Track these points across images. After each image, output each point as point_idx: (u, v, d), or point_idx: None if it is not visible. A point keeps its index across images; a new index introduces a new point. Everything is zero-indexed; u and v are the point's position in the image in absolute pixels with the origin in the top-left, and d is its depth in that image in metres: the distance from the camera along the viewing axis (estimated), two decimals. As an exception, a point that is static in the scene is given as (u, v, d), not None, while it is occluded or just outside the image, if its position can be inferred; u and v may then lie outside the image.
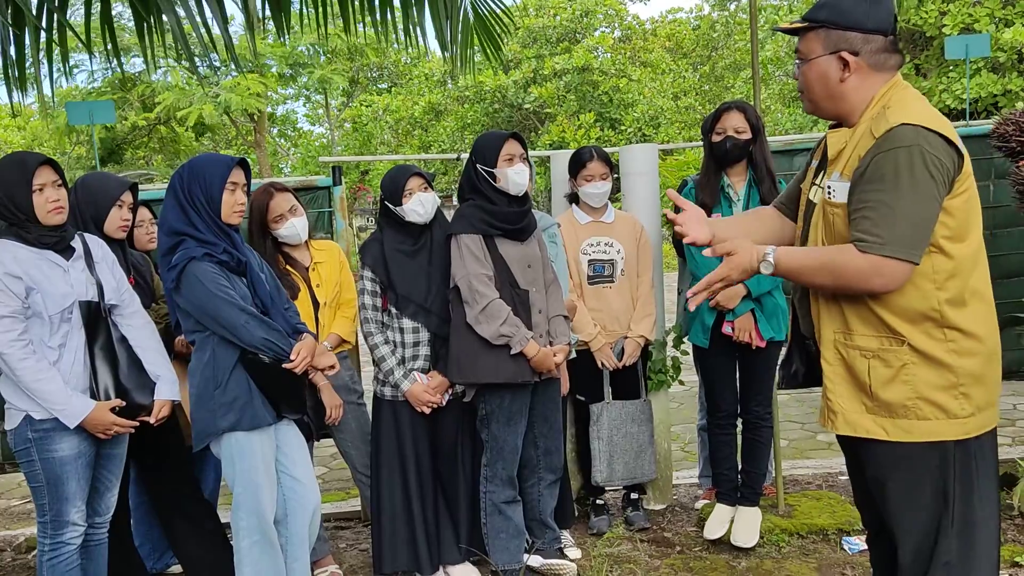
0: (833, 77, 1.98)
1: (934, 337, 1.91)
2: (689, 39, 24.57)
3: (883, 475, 2.00)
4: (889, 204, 1.84)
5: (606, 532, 3.76)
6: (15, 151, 3.08)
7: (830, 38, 1.97)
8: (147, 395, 2.78)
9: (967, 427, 1.93)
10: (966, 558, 1.94)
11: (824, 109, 2.05)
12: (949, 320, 1.91)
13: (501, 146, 3.17)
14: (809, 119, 16.15)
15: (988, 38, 6.11)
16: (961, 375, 1.91)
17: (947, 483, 1.93)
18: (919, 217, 1.85)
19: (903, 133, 1.85)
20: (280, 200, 3.31)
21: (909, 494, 1.96)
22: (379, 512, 3.29)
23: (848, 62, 1.96)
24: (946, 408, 1.91)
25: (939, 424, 1.91)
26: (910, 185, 1.83)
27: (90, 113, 4.62)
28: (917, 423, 1.92)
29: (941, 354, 1.91)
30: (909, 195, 1.83)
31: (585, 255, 3.74)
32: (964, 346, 1.92)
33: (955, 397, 1.91)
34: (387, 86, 25.83)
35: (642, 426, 3.79)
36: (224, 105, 17.05)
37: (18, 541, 4.22)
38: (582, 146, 3.84)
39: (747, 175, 3.51)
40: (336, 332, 3.44)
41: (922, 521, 1.96)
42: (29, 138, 22.20)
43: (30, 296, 2.59)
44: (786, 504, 3.79)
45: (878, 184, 1.86)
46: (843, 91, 1.99)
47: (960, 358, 1.91)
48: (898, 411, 1.93)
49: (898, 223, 1.84)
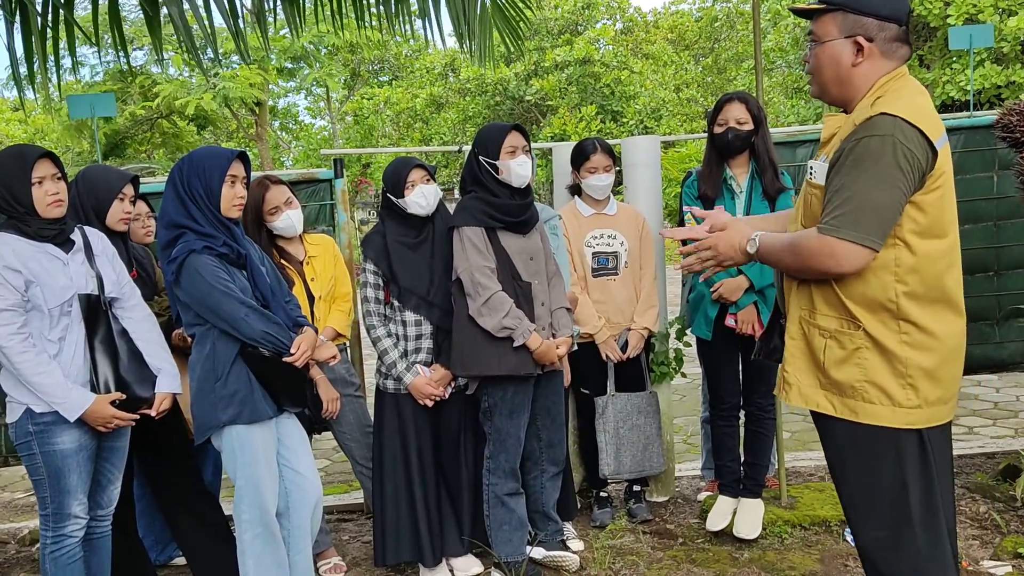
0: (845, 61, 1.99)
1: (888, 327, 1.94)
2: (691, 31, 24.50)
3: (837, 457, 2.06)
4: (850, 188, 1.88)
5: (609, 524, 3.77)
6: (14, 144, 3.07)
7: (846, 22, 1.97)
8: (148, 388, 2.77)
9: (911, 418, 1.96)
10: (933, 548, 1.97)
11: (831, 93, 2.06)
12: (905, 313, 1.93)
13: (504, 138, 3.16)
14: (812, 110, 16.11)
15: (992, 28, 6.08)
16: (910, 367, 1.94)
17: (905, 474, 1.96)
18: (877, 203, 1.87)
19: (880, 122, 1.87)
20: (276, 192, 3.31)
21: (863, 481, 2.00)
22: (382, 504, 3.29)
23: (862, 47, 1.97)
24: (892, 396, 1.95)
25: (883, 409, 1.96)
26: (874, 172, 1.86)
27: (91, 106, 4.60)
28: (863, 405, 1.97)
29: (893, 344, 1.94)
30: (871, 181, 1.86)
31: (589, 247, 3.73)
32: (917, 339, 1.94)
33: (902, 387, 1.95)
34: (388, 79, 25.79)
35: (649, 418, 3.79)
36: (223, 94, 17.02)
37: (22, 533, 4.23)
38: (586, 138, 3.83)
39: (749, 166, 3.50)
40: (331, 326, 3.45)
41: (879, 511, 1.99)
42: (32, 132, 22.20)
43: (30, 289, 2.58)
44: (789, 496, 3.79)
45: (846, 170, 1.89)
46: (852, 76, 2.00)
47: (911, 350, 1.94)
48: (847, 391, 1.99)
49: (857, 208, 1.87)
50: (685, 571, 3.33)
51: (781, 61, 17.22)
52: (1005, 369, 4.32)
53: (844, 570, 3.26)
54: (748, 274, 3.43)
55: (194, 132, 20.50)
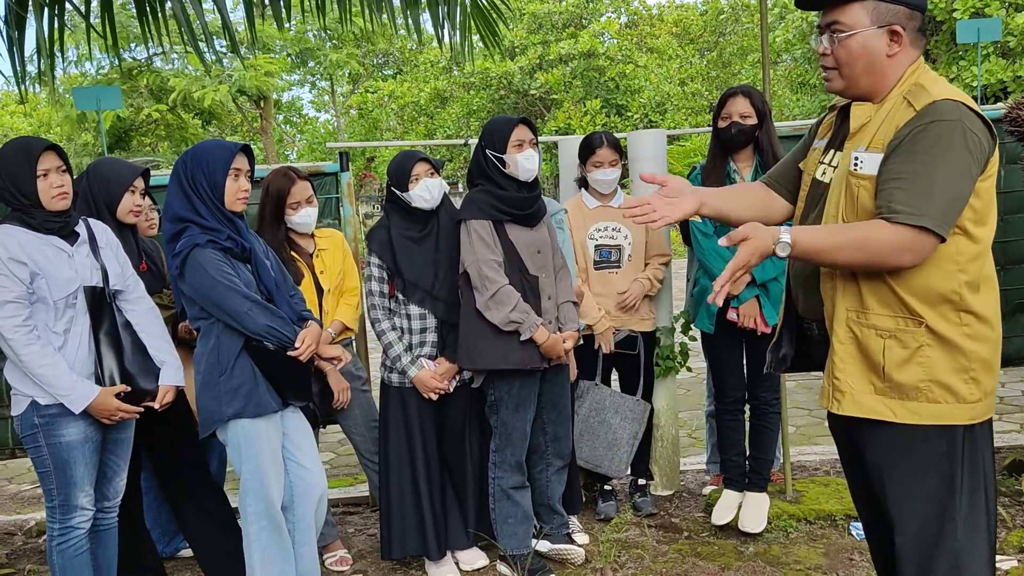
0: (880, 51, 1.94)
1: (950, 320, 1.89)
2: (696, 24, 24.41)
3: (887, 461, 1.97)
4: (927, 176, 1.80)
5: (614, 518, 3.77)
6: (19, 136, 3.07)
7: (879, 11, 1.92)
8: (152, 380, 2.78)
9: (974, 412, 1.92)
10: (970, 541, 1.93)
11: (860, 85, 1.99)
12: (967, 303, 1.88)
13: (511, 131, 3.16)
14: (816, 104, 16.03)
15: (1000, 22, 6.04)
16: (973, 359, 1.90)
17: (954, 470, 1.92)
18: (954, 193, 1.81)
19: (946, 107, 1.82)
20: (300, 187, 3.35)
21: (914, 482, 1.94)
22: (387, 498, 3.30)
23: (900, 36, 1.93)
24: (956, 392, 1.90)
25: (949, 407, 1.90)
26: (949, 159, 1.80)
27: (97, 99, 4.60)
28: (927, 406, 1.90)
29: (957, 337, 1.89)
30: (947, 169, 1.80)
31: (592, 240, 3.73)
32: (978, 330, 1.90)
33: (965, 382, 1.90)
34: (392, 72, 25.76)
35: (625, 421, 3.73)
36: (238, 84, 17.04)
37: (29, 525, 4.25)
38: (593, 132, 3.82)
39: (753, 160, 3.49)
40: (339, 319, 3.46)
41: (926, 509, 1.94)
42: (36, 125, 22.21)
43: (35, 281, 2.58)
44: (794, 490, 3.79)
45: (917, 156, 1.82)
46: (886, 66, 1.95)
47: (973, 342, 1.90)
48: (909, 393, 1.91)
49: (935, 195, 1.80)
50: (690, 565, 3.33)
51: (787, 56, 17.15)
52: (1011, 364, 4.31)
53: (849, 564, 3.25)
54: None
55: (199, 126, 20.51)
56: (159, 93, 18.41)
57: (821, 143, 2.16)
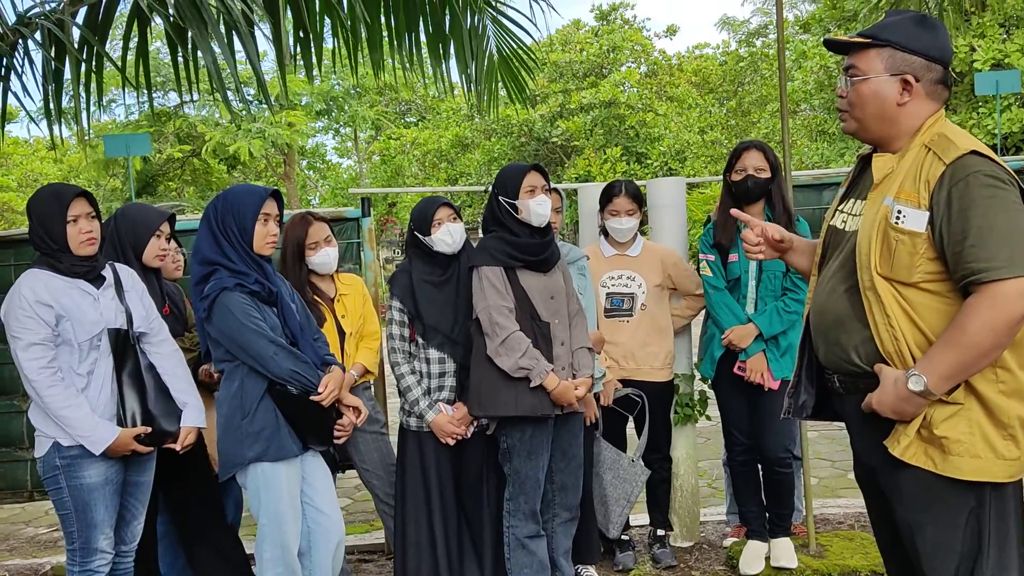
0: (891, 99, 1.97)
1: (986, 377, 1.87)
2: (716, 74, 24.63)
3: (917, 515, 1.95)
4: (990, 226, 1.80)
5: (632, 569, 3.70)
6: (51, 183, 3.14)
7: (894, 59, 1.96)
8: (174, 422, 2.80)
9: (1012, 469, 1.89)
10: None
11: (870, 129, 2.02)
12: (1002, 359, 1.87)
13: (523, 178, 3.19)
14: (836, 152, 16.06)
15: (1019, 74, 6.08)
16: (1011, 417, 1.87)
17: (982, 525, 1.89)
18: (1020, 231, 1.81)
19: (975, 161, 1.84)
20: (318, 228, 3.40)
21: (944, 536, 1.91)
22: (403, 544, 3.27)
23: (911, 86, 1.95)
24: (995, 448, 1.87)
25: (987, 464, 1.87)
26: (1001, 205, 1.81)
27: (127, 145, 4.72)
28: (968, 460, 1.87)
29: (992, 394, 1.87)
30: (1004, 213, 1.80)
31: (604, 287, 3.73)
32: (1012, 387, 1.88)
33: (1004, 438, 1.88)
34: (415, 120, 26.14)
35: (618, 480, 3.61)
36: (271, 139, 17.48)
37: (44, 570, 4.24)
38: (614, 180, 3.84)
39: (764, 214, 3.50)
40: (361, 362, 3.47)
41: (957, 563, 1.91)
42: (66, 170, 22.67)
43: (60, 324, 2.62)
44: (817, 544, 3.72)
45: (971, 214, 1.82)
46: (897, 114, 1.97)
47: (1007, 400, 1.88)
48: (952, 448, 1.88)
49: (1006, 241, 1.79)
50: (710, 619, 3.26)
51: (805, 105, 17.24)
52: None
53: (874, 621, 3.17)
54: (757, 322, 3.43)
55: (224, 171, 20.86)
56: (186, 138, 18.81)
57: (841, 191, 2.17)
